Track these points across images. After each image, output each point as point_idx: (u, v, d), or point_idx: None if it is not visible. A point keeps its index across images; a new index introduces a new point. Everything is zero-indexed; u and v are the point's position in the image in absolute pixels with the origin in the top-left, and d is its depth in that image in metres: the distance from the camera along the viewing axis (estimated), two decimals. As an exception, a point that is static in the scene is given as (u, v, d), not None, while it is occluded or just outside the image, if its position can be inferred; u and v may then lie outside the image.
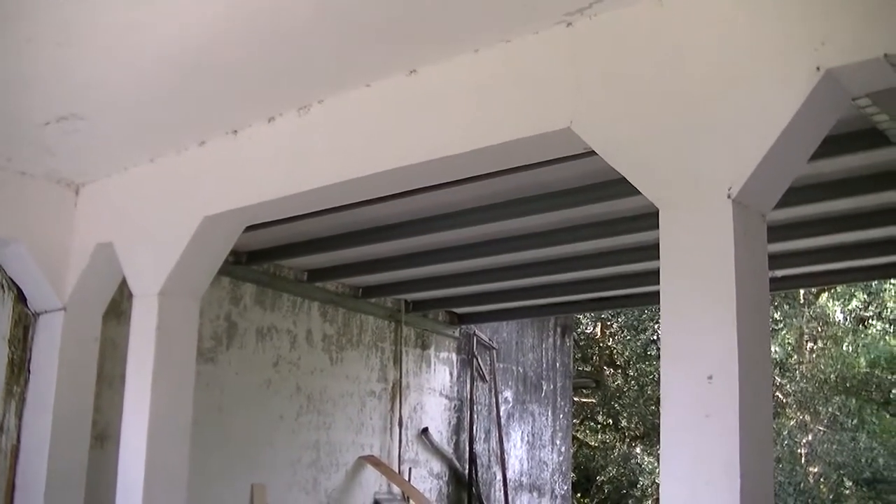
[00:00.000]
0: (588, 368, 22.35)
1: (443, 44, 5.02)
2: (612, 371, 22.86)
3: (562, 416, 15.63)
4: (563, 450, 15.69)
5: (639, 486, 20.78)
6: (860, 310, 20.61)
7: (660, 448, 4.02)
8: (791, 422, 20.10)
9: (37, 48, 5.16)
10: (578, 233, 8.09)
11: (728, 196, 3.89)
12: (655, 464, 19.73)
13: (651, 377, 20.82)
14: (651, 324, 20.84)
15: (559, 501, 15.40)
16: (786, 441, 19.30)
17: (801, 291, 19.73)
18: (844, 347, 20.60)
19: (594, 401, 22.73)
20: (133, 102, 5.94)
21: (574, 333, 18.23)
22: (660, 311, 4.13)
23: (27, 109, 6.11)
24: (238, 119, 6.23)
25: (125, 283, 7.24)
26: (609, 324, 22.81)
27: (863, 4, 3.74)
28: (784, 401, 20.10)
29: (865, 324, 20.80)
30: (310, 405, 10.71)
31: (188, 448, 6.71)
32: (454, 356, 13.27)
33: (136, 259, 7.02)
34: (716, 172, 3.96)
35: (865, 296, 20.17)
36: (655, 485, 19.50)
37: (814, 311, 20.59)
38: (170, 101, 5.92)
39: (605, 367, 22.81)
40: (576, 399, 19.27)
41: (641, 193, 4.34)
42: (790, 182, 4.20)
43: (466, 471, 13.13)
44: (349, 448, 11.22)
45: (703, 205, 3.98)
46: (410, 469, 12.18)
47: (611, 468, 21.52)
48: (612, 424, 22.87)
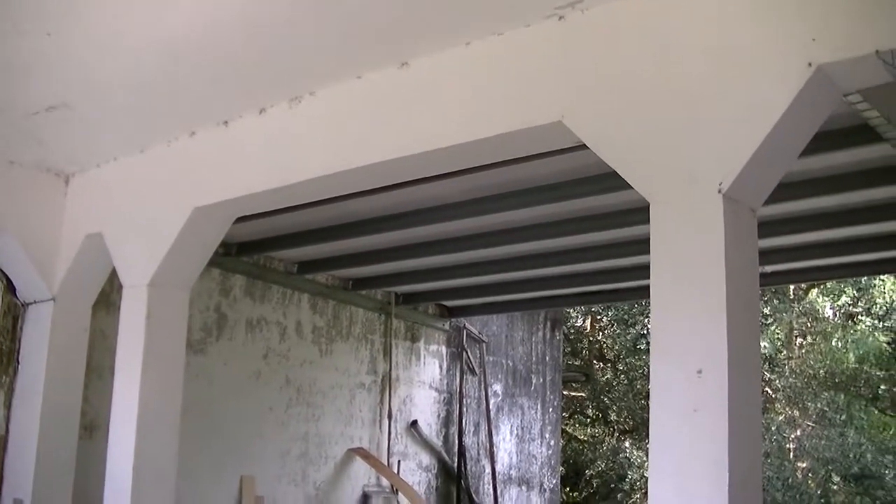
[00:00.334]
0: (578, 362, 22.34)
1: (434, 36, 5.02)
2: (602, 365, 22.89)
3: (551, 410, 15.63)
4: (553, 443, 15.69)
5: (627, 480, 20.81)
6: (849, 306, 20.64)
7: (649, 442, 4.02)
8: (780, 417, 20.14)
9: (26, 37, 5.14)
10: (569, 226, 8.09)
11: (719, 191, 3.90)
12: (644, 458, 19.75)
13: (641, 371, 20.85)
14: (641, 318, 20.86)
15: (548, 495, 15.40)
16: (774, 436, 19.33)
17: (791, 287, 19.75)
18: (833, 343, 20.63)
19: (583, 395, 22.75)
20: (123, 92, 5.92)
21: (564, 327, 18.23)
22: (650, 306, 4.13)
23: (16, 99, 6.09)
24: (229, 110, 6.22)
25: (115, 274, 7.23)
26: (599, 318, 22.82)
27: (855, 1, 3.75)
28: (773, 396, 20.14)
29: (854, 320, 20.83)
30: (299, 397, 10.69)
31: (177, 439, 6.71)
32: (444, 349, 13.27)
33: (126, 250, 7.01)
34: (707, 167, 3.97)
35: (855, 292, 20.21)
36: (644, 479, 19.52)
37: (803, 307, 20.62)
38: (160, 92, 5.91)
39: (595, 361, 22.84)
40: (565, 393, 19.28)
41: (632, 188, 4.35)
42: (781, 177, 4.21)
43: (455, 464, 13.12)
44: (338, 440, 11.21)
45: (694, 199, 3.99)
46: (399, 462, 12.17)
47: (600, 462, 21.55)
48: (602, 418, 22.90)
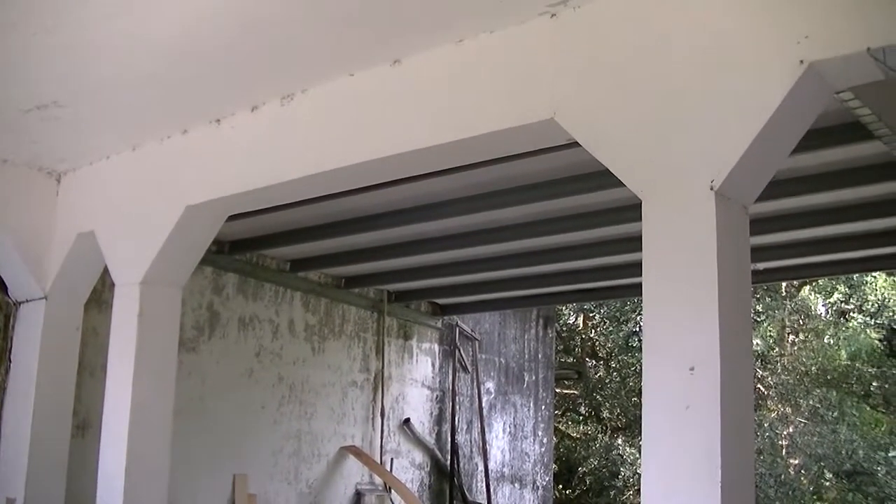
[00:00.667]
0: (570, 360, 22.34)
1: (426, 34, 5.01)
2: (595, 362, 22.90)
3: (544, 408, 15.65)
4: (545, 441, 15.72)
5: (620, 478, 20.82)
6: (841, 303, 20.68)
7: (641, 439, 4.03)
8: (772, 414, 20.18)
9: (18, 35, 5.12)
10: (561, 224, 8.09)
11: (711, 188, 3.90)
12: (637, 455, 19.78)
13: (633, 369, 20.87)
14: (633, 315, 20.87)
15: (541, 492, 15.43)
16: (767, 433, 19.36)
17: (783, 284, 19.79)
18: (825, 340, 20.68)
19: (576, 392, 22.76)
20: (116, 91, 5.91)
21: (556, 325, 18.26)
22: (642, 303, 4.14)
23: (8, 97, 6.07)
24: (221, 108, 6.21)
25: (107, 272, 7.23)
26: (591, 315, 22.82)
27: (846, -2, 3.76)
28: (765, 393, 20.17)
29: (846, 317, 20.87)
30: (292, 395, 10.69)
31: (170, 438, 6.70)
32: (436, 347, 13.28)
33: (118, 248, 7.00)
34: (699, 164, 3.97)
35: (847, 289, 20.26)
36: (637, 476, 19.56)
37: (795, 304, 20.65)
38: (152, 90, 5.89)
39: (588, 359, 22.84)
40: (558, 390, 19.30)
41: (624, 185, 4.35)
42: (773, 175, 4.22)
43: (448, 461, 13.13)
44: (331, 438, 11.22)
45: (686, 197, 3.99)
46: (392, 459, 12.18)
47: (592, 459, 21.55)
48: (594, 416, 22.91)
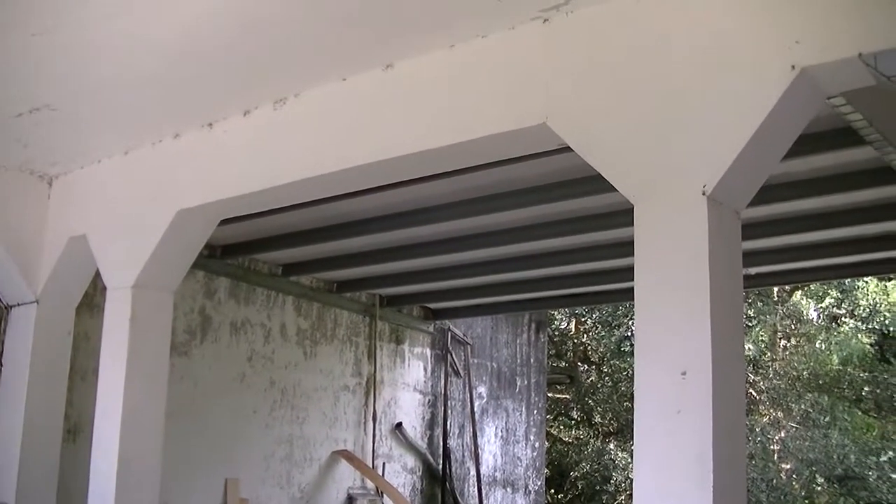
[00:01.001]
0: (562, 364, 22.33)
1: (419, 38, 5.02)
2: (587, 367, 22.88)
3: (536, 412, 15.64)
4: (537, 445, 15.71)
5: (612, 482, 20.80)
6: (833, 307, 20.69)
7: (633, 444, 4.03)
8: (764, 419, 20.18)
9: (11, 37, 5.12)
10: (553, 229, 8.10)
11: (703, 193, 3.91)
12: (629, 459, 19.76)
13: (625, 373, 20.87)
14: (625, 320, 20.86)
15: (533, 497, 15.42)
16: (758, 438, 19.36)
17: (775, 289, 19.83)
18: (817, 345, 20.68)
19: (568, 397, 22.74)
20: (108, 94, 5.90)
21: (548, 329, 18.24)
22: (634, 308, 4.14)
23: (0, 100, 6.06)
24: (213, 112, 6.20)
25: (99, 276, 7.21)
26: (583, 320, 22.80)
27: (838, 4, 3.77)
28: (757, 398, 20.19)
29: (838, 321, 20.86)
30: (283, 399, 10.69)
31: (161, 442, 6.69)
32: (428, 351, 13.27)
33: (110, 252, 6.98)
34: (691, 169, 3.98)
35: (838, 294, 20.25)
36: (629, 480, 19.53)
37: (787, 309, 20.68)
38: (145, 93, 5.89)
39: (580, 363, 22.82)
40: (550, 395, 19.27)
41: (616, 190, 4.35)
42: (764, 179, 4.23)
43: (440, 466, 13.12)
44: (323, 443, 11.21)
45: (678, 201, 4.00)
46: (384, 464, 12.17)
47: (584, 464, 21.52)
48: (586, 420, 22.89)
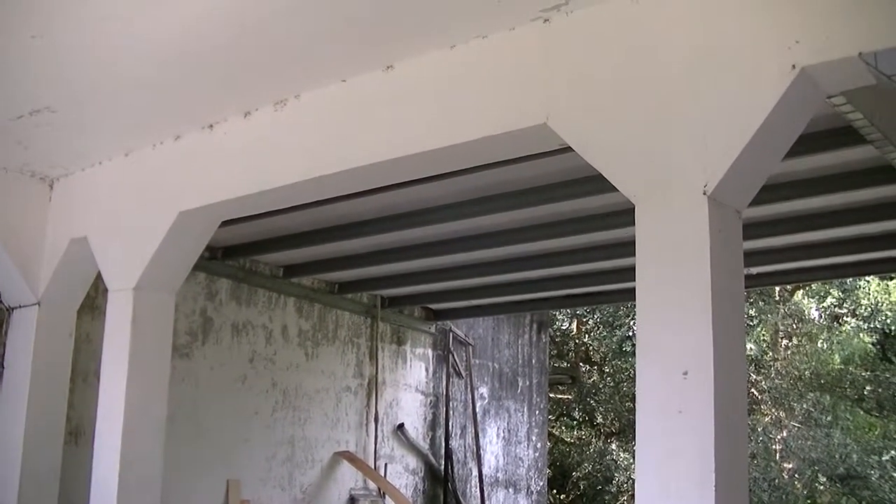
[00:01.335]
0: (564, 365, 22.32)
1: (419, 39, 5.02)
2: (588, 367, 22.86)
3: (537, 413, 15.63)
4: (539, 446, 15.70)
5: (614, 483, 20.79)
6: (835, 307, 20.67)
7: (635, 444, 4.03)
8: (766, 418, 20.17)
9: (10, 40, 5.12)
10: (554, 229, 8.10)
11: (704, 193, 3.90)
12: (631, 460, 19.76)
13: (627, 373, 20.85)
14: (627, 320, 20.84)
15: (535, 497, 15.41)
16: (760, 437, 19.36)
17: (776, 288, 19.80)
18: (819, 344, 20.68)
19: (570, 397, 22.72)
20: (108, 96, 5.90)
21: (550, 330, 18.22)
22: (635, 308, 4.14)
23: (1, 102, 6.06)
24: (214, 113, 6.20)
25: (100, 278, 7.21)
26: (585, 320, 22.80)
27: (838, 3, 3.76)
28: (759, 397, 20.17)
29: (840, 321, 20.86)
30: (285, 401, 10.68)
31: (163, 443, 6.69)
32: (430, 352, 13.27)
33: (111, 254, 6.98)
34: (691, 169, 3.97)
35: (840, 293, 20.23)
36: (631, 481, 19.53)
37: (788, 308, 20.66)
38: (145, 95, 5.89)
39: (581, 364, 22.81)
40: (551, 395, 19.25)
41: (617, 190, 4.35)
42: (765, 179, 4.22)
43: (442, 467, 13.12)
44: (324, 444, 11.20)
45: (679, 201, 3.99)
46: (386, 465, 12.17)
47: (586, 464, 21.51)
48: (588, 421, 22.88)
